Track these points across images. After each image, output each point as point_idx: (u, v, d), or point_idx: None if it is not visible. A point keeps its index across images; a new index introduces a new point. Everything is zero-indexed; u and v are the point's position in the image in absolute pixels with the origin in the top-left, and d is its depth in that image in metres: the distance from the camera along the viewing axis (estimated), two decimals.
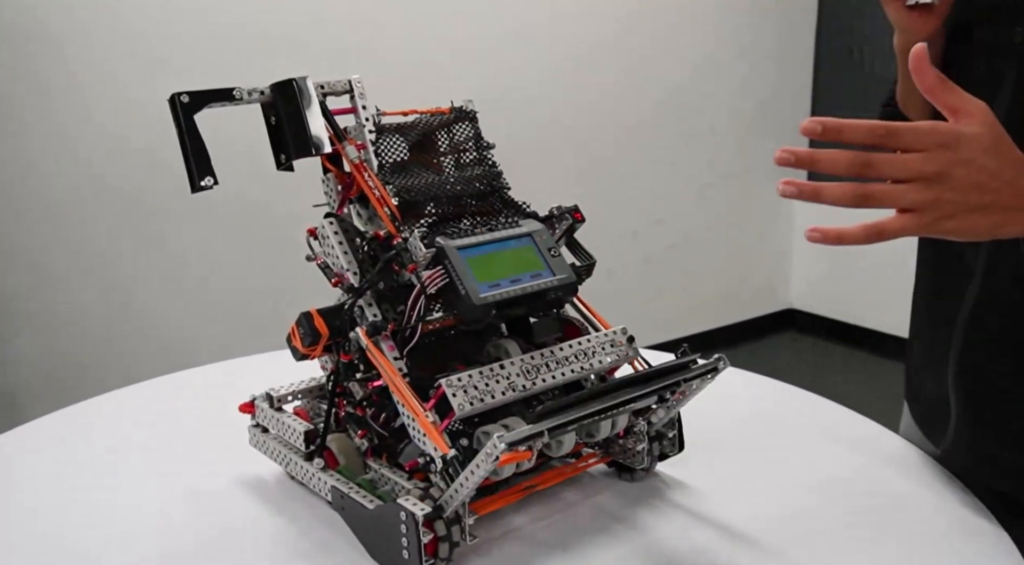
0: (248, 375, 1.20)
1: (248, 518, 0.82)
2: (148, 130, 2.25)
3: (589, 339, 0.81)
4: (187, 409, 1.10)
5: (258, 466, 0.91)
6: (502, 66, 2.86)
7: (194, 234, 2.43)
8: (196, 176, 0.71)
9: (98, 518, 0.83)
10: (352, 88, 0.82)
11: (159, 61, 2.27)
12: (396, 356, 0.75)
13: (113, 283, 2.36)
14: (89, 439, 1.02)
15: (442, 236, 0.76)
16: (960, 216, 0.62)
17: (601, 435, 0.78)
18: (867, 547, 0.74)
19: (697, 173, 3.46)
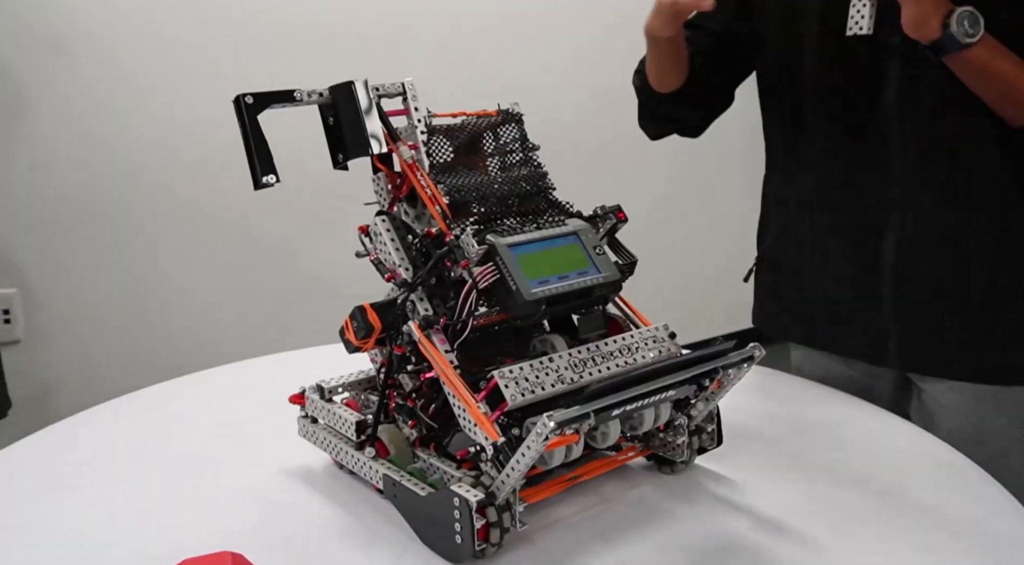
0: (278, 370, 1.23)
1: (301, 506, 0.85)
2: (174, 132, 2.28)
3: (632, 335, 0.83)
4: (224, 403, 1.14)
5: (304, 456, 0.94)
6: (498, 63, 2.87)
7: (223, 234, 2.46)
8: (259, 173, 0.74)
9: (152, 507, 0.86)
10: (405, 90, 0.85)
11: (180, 64, 2.30)
12: (447, 349, 0.78)
13: (147, 280, 2.39)
14: (139, 429, 1.06)
15: (492, 234, 0.79)
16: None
17: (644, 427, 0.81)
18: (902, 537, 0.76)
19: (681, 178, 3.44)
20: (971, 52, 0.90)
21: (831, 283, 1.14)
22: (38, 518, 0.84)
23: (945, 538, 0.76)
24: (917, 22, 0.88)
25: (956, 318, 1.05)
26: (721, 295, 3.58)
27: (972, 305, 1.04)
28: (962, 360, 1.06)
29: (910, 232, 1.05)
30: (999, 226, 1.02)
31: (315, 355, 1.31)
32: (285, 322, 2.58)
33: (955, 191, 1.02)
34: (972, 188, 1.01)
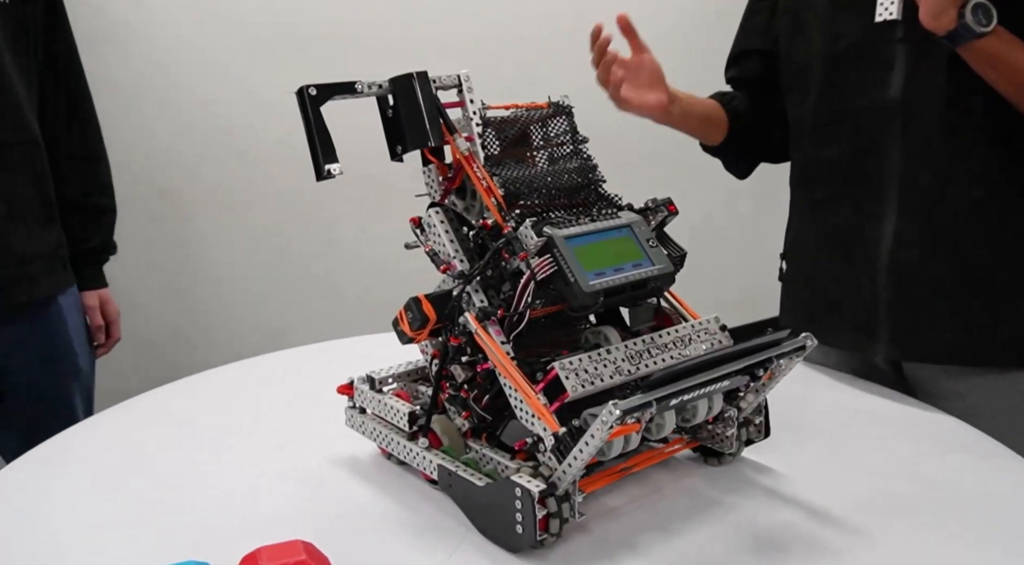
0: (310, 361, 1.24)
1: (354, 496, 0.85)
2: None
3: (685, 327, 0.84)
4: (262, 393, 1.14)
5: (351, 446, 0.95)
6: (519, 64, 2.87)
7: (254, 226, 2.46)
8: (322, 163, 0.75)
9: (212, 493, 0.87)
10: (460, 82, 0.85)
11: (217, 59, 2.30)
12: (503, 340, 0.79)
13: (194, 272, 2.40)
14: (184, 417, 1.06)
15: (549, 226, 0.79)
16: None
17: (698, 418, 0.81)
18: (949, 526, 0.77)
19: (707, 168, 3.45)
20: (985, 43, 0.92)
21: (829, 279, 1.16)
22: (112, 493, 0.85)
23: (993, 528, 0.77)
24: (935, 12, 0.91)
25: (954, 317, 1.05)
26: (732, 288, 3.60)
27: (969, 304, 1.05)
28: (957, 347, 1.06)
29: (907, 228, 1.06)
30: (998, 226, 1.03)
31: (350, 345, 1.32)
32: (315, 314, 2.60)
33: (954, 188, 1.03)
34: (971, 185, 1.02)
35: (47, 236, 1.38)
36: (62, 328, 1.41)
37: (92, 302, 1.51)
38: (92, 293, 1.51)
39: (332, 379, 0.97)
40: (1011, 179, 1.02)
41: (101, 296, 1.53)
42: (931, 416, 1.03)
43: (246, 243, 2.49)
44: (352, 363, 1.03)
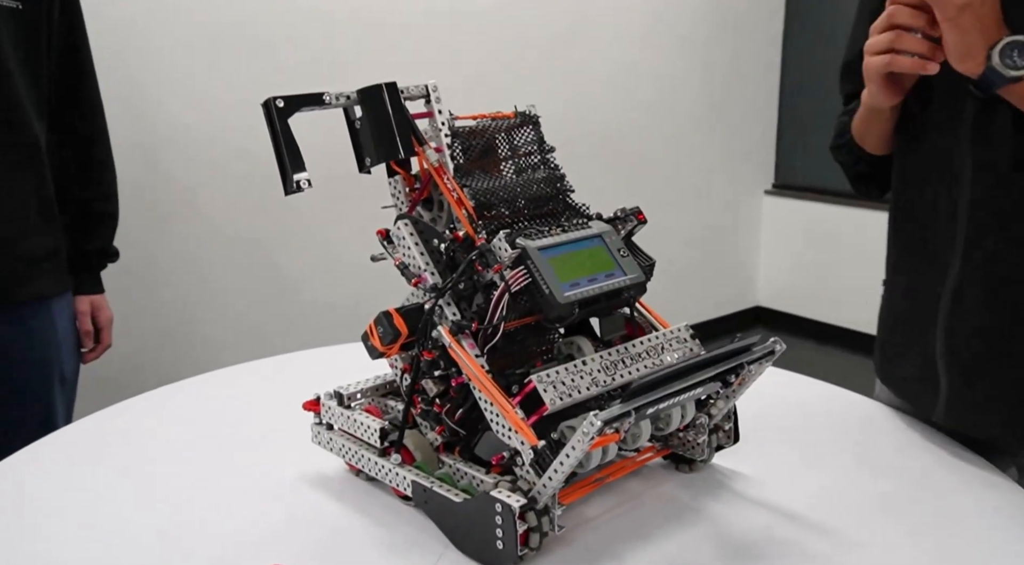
0: (278, 373, 1.21)
1: (326, 514, 0.84)
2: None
3: (657, 336, 0.84)
4: (228, 407, 1.11)
5: (319, 462, 0.93)
6: (496, 67, 2.88)
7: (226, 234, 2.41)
8: (291, 178, 0.73)
9: (177, 516, 0.84)
10: (428, 93, 0.84)
11: (216, 64, 2.25)
12: (477, 354, 0.78)
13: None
14: (140, 434, 1.03)
15: (522, 237, 0.79)
16: (970, 17, 0.79)
17: (672, 427, 0.82)
18: (919, 526, 0.79)
19: (666, 174, 3.53)
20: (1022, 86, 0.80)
21: (894, 316, 1.07)
22: (45, 537, 0.81)
23: (964, 525, 0.79)
24: (962, 53, 0.81)
25: (1005, 381, 0.92)
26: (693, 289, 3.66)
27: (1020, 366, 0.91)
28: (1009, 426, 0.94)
29: (967, 276, 0.92)
30: None
31: (314, 357, 1.29)
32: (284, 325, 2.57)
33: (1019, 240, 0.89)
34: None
35: (45, 237, 1.37)
36: (52, 332, 1.39)
37: (83, 307, 1.49)
38: (84, 298, 1.49)
39: (294, 394, 0.95)
40: None
41: (94, 302, 1.51)
42: (891, 417, 1.05)
43: (217, 252, 2.45)
44: (309, 378, 1.01)
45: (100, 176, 1.51)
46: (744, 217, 3.87)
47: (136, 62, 2.24)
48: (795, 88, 3.74)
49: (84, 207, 1.48)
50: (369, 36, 2.60)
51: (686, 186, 3.61)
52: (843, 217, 3.60)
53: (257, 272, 2.54)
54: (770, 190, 3.90)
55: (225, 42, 2.36)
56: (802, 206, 3.79)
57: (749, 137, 3.77)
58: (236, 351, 2.48)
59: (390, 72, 1.21)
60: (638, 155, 3.40)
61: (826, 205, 3.67)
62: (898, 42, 0.85)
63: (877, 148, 1.05)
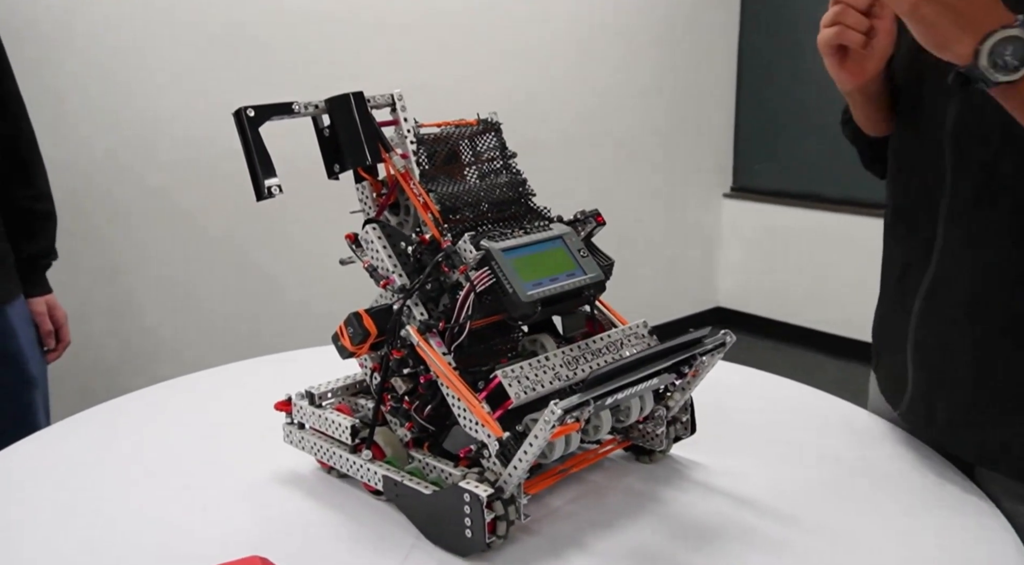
0: (250, 376, 1.23)
1: (299, 511, 0.86)
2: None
3: (616, 332, 0.88)
4: (200, 409, 1.13)
5: (290, 460, 0.95)
6: (456, 74, 2.92)
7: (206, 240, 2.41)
8: (263, 184, 0.75)
9: (155, 515, 0.86)
10: (394, 101, 0.87)
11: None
12: (444, 352, 0.81)
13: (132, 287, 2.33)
14: (118, 438, 1.04)
15: (486, 239, 0.82)
16: (932, 7, 0.70)
17: (632, 418, 0.86)
18: (869, 506, 0.84)
19: (625, 177, 3.59)
20: (1017, 88, 0.71)
21: (879, 315, 1.06)
22: (20, 533, 0.83)
23: (907, 504, 0.84)
24: (936, 45, 0.73)
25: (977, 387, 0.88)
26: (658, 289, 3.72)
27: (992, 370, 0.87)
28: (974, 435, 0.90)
29: (941, 275, 0.90)
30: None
31: (290, 360, 1.31)
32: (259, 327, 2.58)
33: (997, 240, 0.84)
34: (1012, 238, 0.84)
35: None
36: (12, 337, 1.39)
37: (40, 308, 1.50)
38: (39, 299, 1.50)
39: (266, 395, 0.97)
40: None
41: (48, 302, 1.51)
42: (839, 406, 1.10)
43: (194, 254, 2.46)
44: (281, 379, 1.03)
45: (31, 176, 1.50)
46: (704, 220, 3.95)
47: (112, 63, 2.24)
48: (751, 93, 3.83)
49: (22, 210, 1.47)
50: (343, 40, 2.62)
51: (646, 190, 3.67)
52: (800, 219, 3.68)
53: (234, 275, 2.55)
54: (728, 193, 3.98)
55: (201, 44, 2.36)
56: (760, 208, 3.87)
57: (707, 142, 3.85)
58: (211, 353, 2.48)
59: (358, 76, 1.22)
60: (599, 160, 3.46)
61: (783, 207, 3.76)
62: (842, 15, 0.86)
63: (868, 129, 1.02)
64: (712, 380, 0.96)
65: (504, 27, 3.04)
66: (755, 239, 3.93)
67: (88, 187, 2.19)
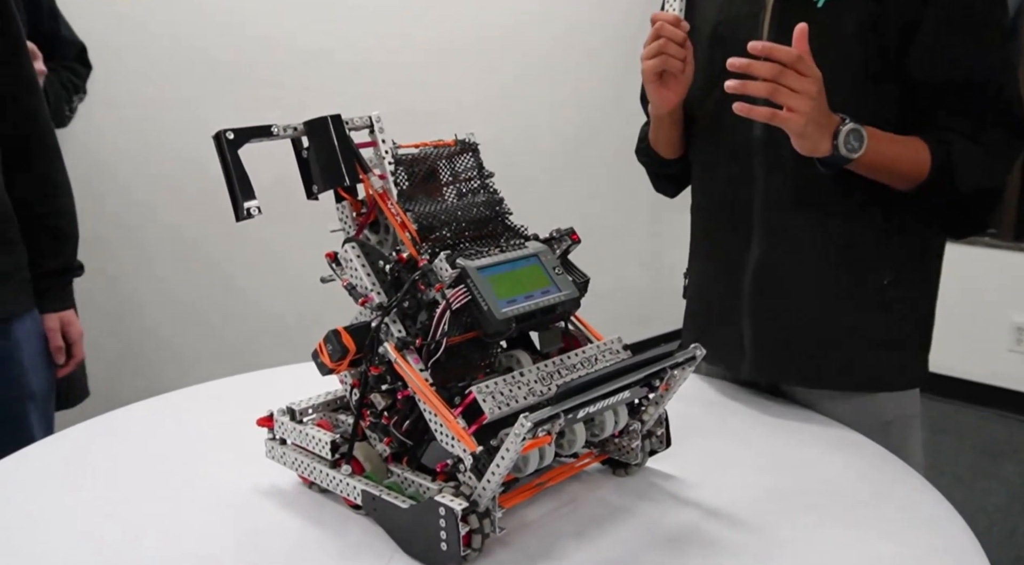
0: (237, 392, 1.25)
1: (279, 525, 0.87)
2: None
3: (590, 348, 0.90)
4: (184, 426, 1.14)
5: (272, 476, 0.97)
6: (424, 87, 2.94)
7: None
8: (242, 205, 0.77)
9: (134, 532, 0.87)
10: (372, 123, 0.89)
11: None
12: (421, 368, 0.83)
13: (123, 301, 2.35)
14: (100, 455, 1.05)
15: (462, 257, 0.84)
16: (812, 126, 0.97)
17: (606, 432, 0.87)
18: (836, 516, 0.86)
19: (611, 193, 3.61)
20: (859, 158, 1.00)
21: (713, 298, 1.24)
22: (39, 533, 0.84)
23: (869, 515, 0.86)
24: (811, 150, 0.99)
25: (807, 343, 1.14)
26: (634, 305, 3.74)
27: (822, 331, 1.13)
28: (813, 373, 1.15)
29: (767, 255, 1.14)
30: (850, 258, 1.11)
31: (272, 376, 1.33)
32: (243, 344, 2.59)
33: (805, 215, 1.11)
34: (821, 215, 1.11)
35: (3, 258, 1.38)
36: (15, 351, 1.40)
37: (52, 324, 1.50)
38: (53, 315, 1.50)
39: (249, 411, 0.98)
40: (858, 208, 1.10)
41: (63, 318, 1.52)
42: (805, 416, 1.12)
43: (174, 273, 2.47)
44: (263, 396, 1.04)
45: (56, 193, 1.52)
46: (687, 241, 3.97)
47: (97, 84, 2.26)
48: None
49: (43, 225, 1.49)
50: (323, 67, 2.65)
51: (630, 210, 3.70)
52: None
53: (220, 292, 2.56)
54: None
55: (185, 65, 2.38)
56: None
57: None
58: (193, 370, 2.49)
59: (345, 99, 1.24)
60: (584, 180, 3.48)
61: None
62: (665, 47, 1.09)
63: (668, 152, 1.29)
64: (686, 394, 0.98)
65: (492, 47, 3.07)
66: None
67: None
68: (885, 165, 1.03)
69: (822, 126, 0.97)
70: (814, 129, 0.97)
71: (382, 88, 2.79)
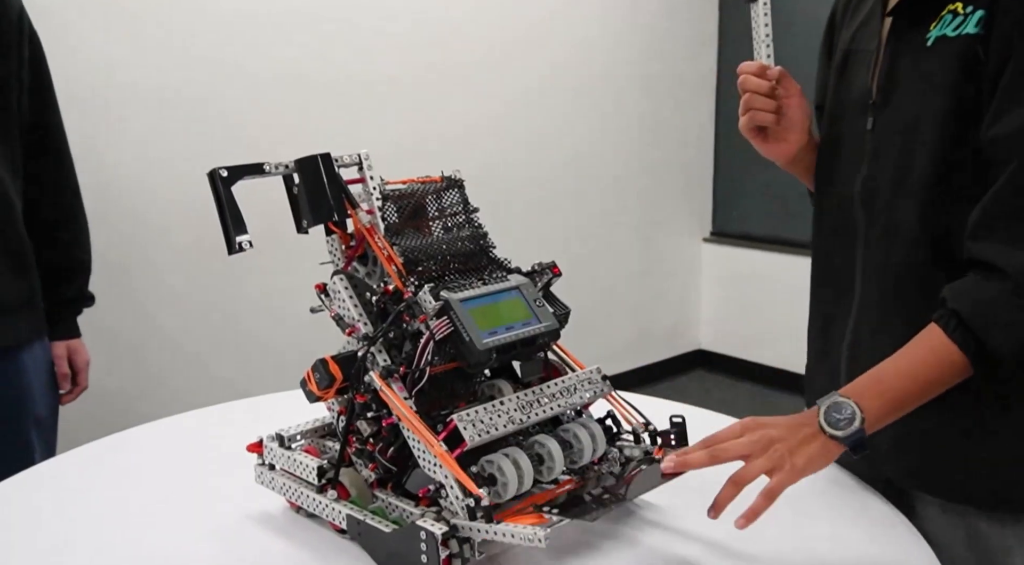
0: (225, 420, 1.27)
1: (267, 550, 0.90)
2: None
3: (570, 378, 0.93)
4: (173, 454, 1.17)
5: (262, 501, 0.99)
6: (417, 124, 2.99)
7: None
8: (234, 240, 0.81)
9: (123, 555, 0.89)
10: (361, 161, 0.93)
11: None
12: (406, 396, 0.86)
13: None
14: (94, 480, 1.08)
15: (445, 290, 0.87)
16: (799, 452, 0.81)
17: (584, 459, 0.90)
18: (815, 536, 0.88)
19: (607, 222, 3.66)
20: (870, 415, 0.83)
21: (810, 353, 1.13)
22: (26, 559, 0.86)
23: (845, 528, 0.89)
24: (818, 468, 0.82)
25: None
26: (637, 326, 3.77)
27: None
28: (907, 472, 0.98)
29: (863, 314, 0.99)
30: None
31: (263, 403, 1.36)
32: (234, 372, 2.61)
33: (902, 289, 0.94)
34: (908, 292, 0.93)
35: (19, 286, 1.41)
36: (21, 377, 1.43)
37: (60, 352, 1.54)
38: (60, 343, 1.54)
39: (241, 438, 1.01)
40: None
41: (70, 346, 1.55)
42: None
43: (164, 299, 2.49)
44: (257, 422, 1.07)
45: (73, 224, 1.57)
46: (684, 264, 4.01)
47: (93, 124, 2.31)
48: (729, 139, 3.93)
49: (59, 255, 1.53)
50: (317, 100, 2.69)
51: (627, 236, 3.74)
52: (778, 263, 3.75)
53: (210, 322, 2.59)
54: (708, 238, 4.06)
55: (176, 103, 2.43)
56: (739, 253, 3.94)
57: (686, 187, 3.93)
58: (185, 398, 2.51)
59: (330, 136, 1.27)
60: (579, 206, 3.53)
61: (762, 252, 3.83)
62: (750, 101, 1.01)
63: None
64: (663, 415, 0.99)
65: (483, 76, 3.12)
66: (735, 282, 4.00)
67: None
68: (911, 399, 0.85)
69: (804, 442, 0.82)
70: (802, 450, 0.82)
71: (384, 112, 2.84)
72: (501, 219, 3.24)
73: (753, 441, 0.82)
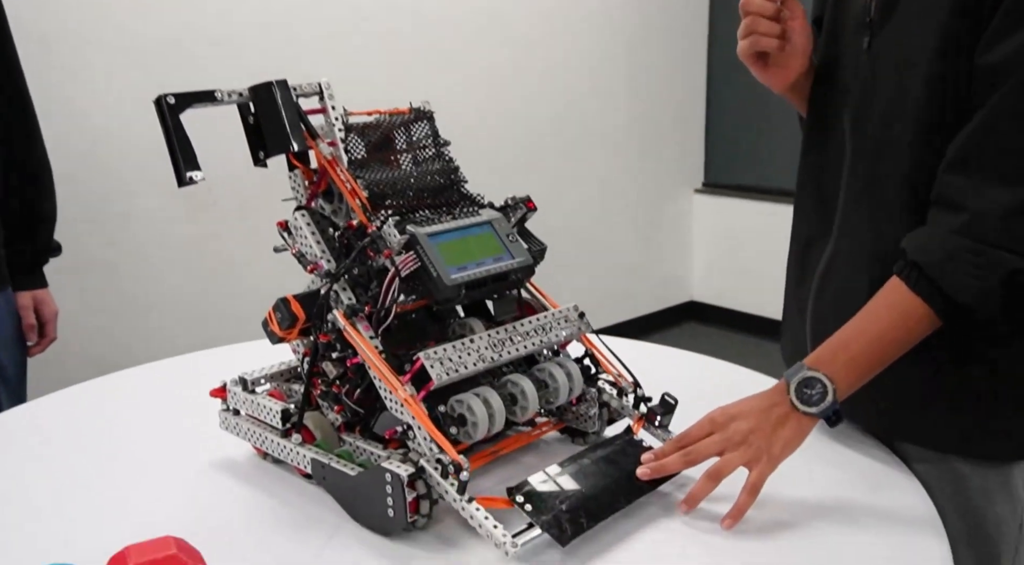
0: (192, 369, 1.24)
1: (230, 495, 0.87)
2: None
3: (546, 316, 0.89)
4: (141, 401, 1.14)
5: (226, 448, 0.96)
6: (428, 71, 2.92)
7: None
8: (184, 171, 0.76)
9: (84, 501, 0.86)
10: (322, 90, 0.88)
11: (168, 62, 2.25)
12: (371, 335, 0.82)
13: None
14: (60, 429, 1.05)
15: (412, 224, 0.83)
16: (774, 440, 0.81)
17: (560, 399, 0.87)
18: (817, 499, 0.85)
19: (599, 174, 3.61)
20: (840, 383, 0.81)
21: (787, 291, 1.10)
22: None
23: (845, 491, 0.86)
24: (793, 450, 0.82)
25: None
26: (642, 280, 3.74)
27: None
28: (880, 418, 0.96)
29: (839, 245, 0.95)
30: None
31: (233, 352, 1.32)
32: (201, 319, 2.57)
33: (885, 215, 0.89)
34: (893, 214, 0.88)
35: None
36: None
37: (25, 302, 1.49)
38: (26, 293, 1.50)
39: (212, 385, 0.98)
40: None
41: (36, 296, 1.51)
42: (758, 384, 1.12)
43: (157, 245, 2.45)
44: (232, 370, 1.03)
45: (37, 174, 1.51)
46: (675, 215, 3.97)
47: (57, 69, 2.24)
48: (721, 90, 3.85)
49: (23, 205, 1.48)
50: (305, 46, 2.62)
51: (618, 187, 3.69)
52: (770, 213, 3.71)
53: (196, 265, 2.55)
54: (700, 189, 4.00)
55: (160, 49, 2.36)
56: (731, 203, 3.89)
57: (678, 138, 3.86)
58: (167, 343, 2.48)
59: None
60: (571, 157, 3.47)
61: (754, 202, 3.78)
62: (753, 24, 0.93)
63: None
64: (677, 369, 0.96)
65: (472, 27, 3.04)
66: (727, 233, 3.96)
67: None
68: (876, 360, 0.83)
69: (777, 426, 0.81)
70: (777, 433, 0.81)
71: (374, 62, 2.77)
72: (489, 171, 3.20)
73: (726, 438, 0.81)
